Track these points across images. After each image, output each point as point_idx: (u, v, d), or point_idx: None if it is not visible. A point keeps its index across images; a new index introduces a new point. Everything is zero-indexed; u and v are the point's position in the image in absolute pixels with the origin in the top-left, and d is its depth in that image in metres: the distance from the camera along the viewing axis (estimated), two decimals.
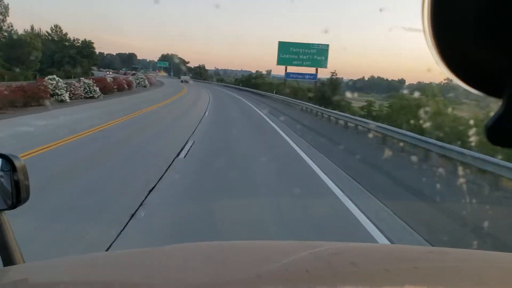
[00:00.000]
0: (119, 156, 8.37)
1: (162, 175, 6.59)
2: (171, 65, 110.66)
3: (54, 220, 4.39)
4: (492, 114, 0.38)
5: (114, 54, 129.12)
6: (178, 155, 8.42)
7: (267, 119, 18.43)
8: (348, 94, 30.17)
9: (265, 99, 35.93)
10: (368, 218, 5.17)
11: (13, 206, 1.08)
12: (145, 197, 5.35)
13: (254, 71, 74.54)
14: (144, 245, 4.05)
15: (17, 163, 1.08)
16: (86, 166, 7.13)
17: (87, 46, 54.46)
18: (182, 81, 71.97)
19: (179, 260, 0.96)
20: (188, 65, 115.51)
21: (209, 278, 0.81)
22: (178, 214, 4.99)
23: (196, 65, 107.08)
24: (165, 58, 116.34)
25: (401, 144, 11.36)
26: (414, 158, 10.02)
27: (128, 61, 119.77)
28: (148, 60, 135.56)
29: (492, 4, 0.34)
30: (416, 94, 16.47)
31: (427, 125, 11.51)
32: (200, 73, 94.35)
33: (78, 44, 54.05)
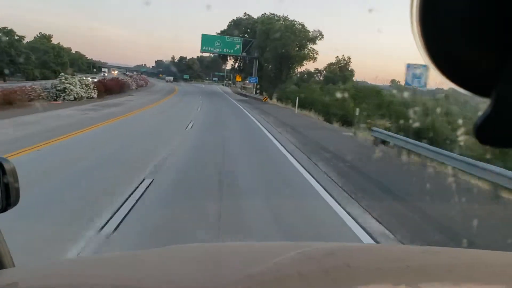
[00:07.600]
0: None
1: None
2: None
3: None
4: (480, 113, 0.38)
5: (195, 57, 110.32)
6: None
7: None
8: None
9: None
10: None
11: (2, 210, 1.06)
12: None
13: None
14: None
15: (6, 166, 1.06)
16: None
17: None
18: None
19: (169, 262, 0.96)
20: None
21: (200, 280, 0.81)
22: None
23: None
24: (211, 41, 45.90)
25: None
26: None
27: (212, 66, 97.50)
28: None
29: (480, 5, 0.35)
30: None
31: None
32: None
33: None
